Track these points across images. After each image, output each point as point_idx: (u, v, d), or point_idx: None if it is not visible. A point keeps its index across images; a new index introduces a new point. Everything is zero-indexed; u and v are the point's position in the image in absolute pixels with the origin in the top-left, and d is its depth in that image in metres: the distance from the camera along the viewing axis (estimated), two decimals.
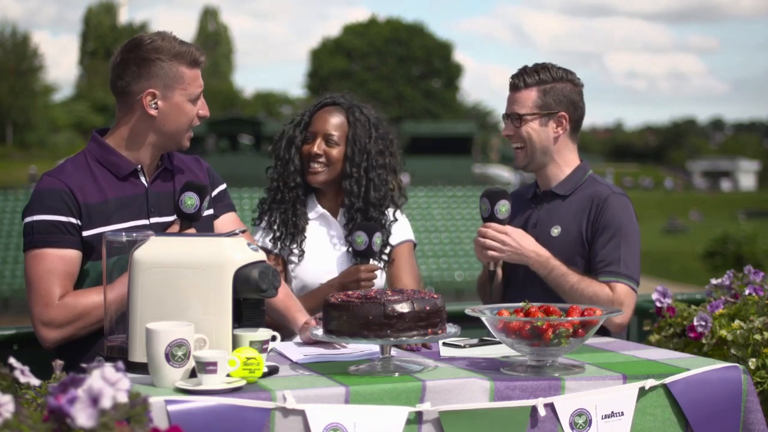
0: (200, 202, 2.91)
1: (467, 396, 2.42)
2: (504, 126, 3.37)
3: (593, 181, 3.36)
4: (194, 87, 2.92)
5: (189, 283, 2.45)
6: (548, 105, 3.28)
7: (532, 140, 3.30)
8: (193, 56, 2.90)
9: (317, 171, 3.48)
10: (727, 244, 33.45)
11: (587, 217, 3.25)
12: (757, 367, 2.92)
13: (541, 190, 3.40)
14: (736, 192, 72.23)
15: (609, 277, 3.16)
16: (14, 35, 66.57)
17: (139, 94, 2.88)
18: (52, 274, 2.79)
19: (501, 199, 3.21)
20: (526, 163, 3.34)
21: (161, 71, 2.86)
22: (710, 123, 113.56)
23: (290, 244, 3.48)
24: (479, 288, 3.55)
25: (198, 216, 2.94)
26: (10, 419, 1.77)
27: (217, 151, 40.14)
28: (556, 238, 3.27)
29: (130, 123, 2.92)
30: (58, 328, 2.77)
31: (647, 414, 2.54)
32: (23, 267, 2.90)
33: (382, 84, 71.17)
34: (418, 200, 35.68)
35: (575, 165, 3.37)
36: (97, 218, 2.85)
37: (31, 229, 2.84)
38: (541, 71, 3.30)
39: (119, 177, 2.92)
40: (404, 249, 3.60)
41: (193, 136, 3.00)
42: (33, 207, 2.84)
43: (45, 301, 2.77)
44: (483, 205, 3.25)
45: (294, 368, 2.57)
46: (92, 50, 79.46)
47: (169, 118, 2.90)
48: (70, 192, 2.84)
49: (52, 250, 2.80)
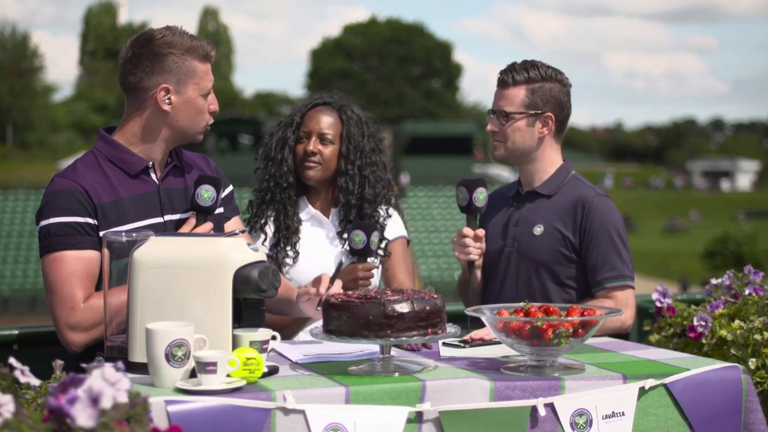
0: (216, 195, 2.91)
1: (467, 396, 2.42)
2: (489, 121, 3.36)
3: (577, 181, 3.36)
4: (206, 81, 2.90)
5: (189, 283, 2.44)
6: (535, 104, 3.27)
7: (515, 139, 3.29)
8: (204, 50, 2.89)
9: (312, 168, 3.49)
10: (727, 244, 33.48)
11: (573, 219, 3.25)
12: (757, 367, 2.92)
13: (524, 189, 3.40)
14: (736, 192, 72.23)
15: (615, 282, 3.19)
16: (14, 35, 66.56)
17: (152, 90, 2.85)
18: (74, 277, 2.74)
19: (478, 187, 3.24)
20: (504, 156, 3.34)
21: (174, 66, 2.84)
22: (710, 123, 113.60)
23: (285, 246, 3.48)
24: (459, 289, 3.56)
25: (214, 209, 2.93)
26: (10, 419, 1.77)
27: (217, 151, 40.10)
28: (539, 237, 3.28)
29: (141, 119, 2.89)
30: (85, 331, 2.73)
31: (650, 414, 2.54)
32: (22, 267, 2.88)
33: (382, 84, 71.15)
34: (418, 200, 35.66)
35: (558, 165, 3.36)
36: (112, 218, 2.81)
37: (47, 232, 2.78)
38: (531, 69, 3.29)
39: (131, 175, 2.88)
40: (398, 245, 3.60)
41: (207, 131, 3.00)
42: (48, 210, 2.80)
43: (69, 304, 2.73)
44: (460, 193, 3.27)
45: (294, 368, 2.57)
46: (92, 50, 79.45)
47: (182, 113, 2.88)
48: (85, 192, 2.80)
49: (71, 252, 2.76)
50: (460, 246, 3.30)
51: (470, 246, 3.28)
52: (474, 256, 3.29)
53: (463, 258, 3.30)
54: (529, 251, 3.28)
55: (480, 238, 3.29)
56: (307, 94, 5.43)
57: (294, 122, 3.54)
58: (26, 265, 29.75)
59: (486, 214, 3.39)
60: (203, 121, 2.93)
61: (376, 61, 72.57)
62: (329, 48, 73.59)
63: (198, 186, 2.91)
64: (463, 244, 3.28)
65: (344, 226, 3.51)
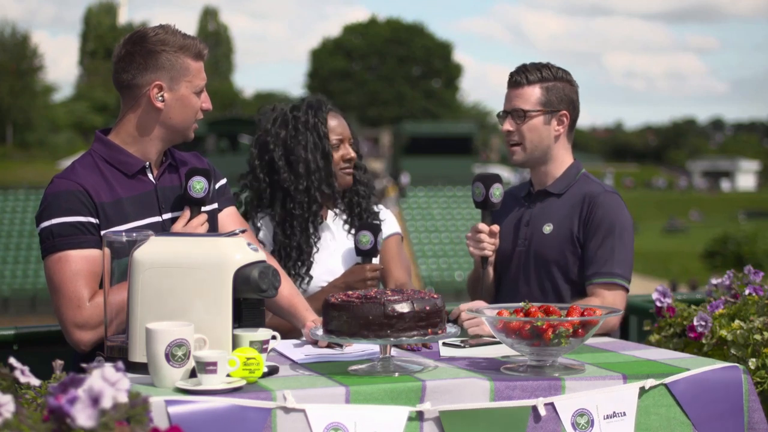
0: (209, 186, 2.91)
1: (467, 396, 2.42)
2: (502, 123, 3.34)
3: (586, 179, 3.36)
4: (199, 79, 2.91)
5: (189, 283, 2.44)
6: (551, 102, 3.29)
7: (533, 137, 3.30)
8: (197, 48, 2.90)
9: (352, 173, 3.49)
10: (727, 244, 33.48)
11: (579, 215, 3.26)
12: (757, 367, 2.92)
13: (536, 189, 3.40)
14: (736, 192, 72.23)
15: (602, 278, 3.16)
16: (14, 35, 66.58)
17: (145, 87, 2.86)
18: (79, 276, 2.74)
19: (495, 183, 3.23)
20: (524, 160, 3.34)
21: (167, 63, 2.85)
22: (710, 123, 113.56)
23: (296, 260, 3.43)
24: (470, 286, 3.56)
25: (207, 200, 2.93)
26: (10, 419, 1.77)
27: (217, 151, 40.12)
28: (548, 236, 3.29)
29: (135, 117, 2.90)
30: (93, 329, 2.72)
31: (652, 413, 2.53)
32: (22, 267, 2.89)
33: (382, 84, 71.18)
34: (418, 200, 35.68)
35: (569, 163, 3.37)
36: (113, 217, 2.82)
37: (50, 233, 2.78)
38: (543, 69, 3.30)
39: (128, 175, 2.89)
40: (392, 242, 3.60)
41: (196, 129, 3.00)
42: (49, 211, 2.80)
43: (76, 303, 2.73)
44: (477, 189, 3.26)
45: (294, 368, 2.57)
46: (92, 50, 79.46)
47: (175, 111, 2.89)
48: (86, 192, 2.80)
49: (75, 251, 2.76)
50: (475, 241, 3.27)
51: (485, 241, 3.26)
52: (488, 252, 3.28)
53: (478, 253, 3.28)
54: (540, 250, 3.29)
55: (495, 234, 3.28)
56: (307, 95, 5.33)
57: (318, 128, 3.44)
58: (26, 265, 29.78)
59: (497, 214, 3.38)
60: (195, 119, 2.94)
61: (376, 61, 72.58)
62: (329, 48, 73.62)
63: (189, 178, 2.91)
64: (478, 240, 3.27)
65: (351, 225, 3.51)
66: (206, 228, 2.95)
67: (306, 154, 3.40)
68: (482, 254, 3.27)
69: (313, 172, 3.41)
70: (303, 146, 3.41)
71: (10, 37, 66.17)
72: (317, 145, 3.42)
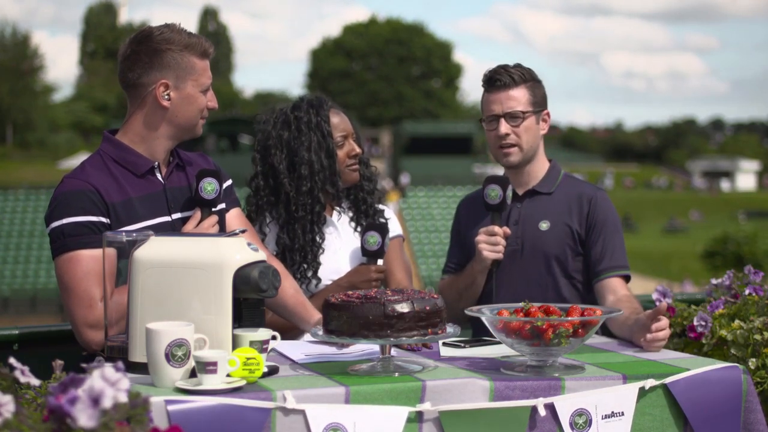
0: (219, 187, 2.91)
1: (467, 396, 2.42)
2: (494, 127, 3.31)
3: (572, 178, 3.45)
4: (205, 78, 2.91)
5: (189, 283, 2.44)
6: (538, 102, 3.34)
7: (529, 138, 3.32)
8: (203, 47, 2.90)
9: (357, 169, 3.47)
10: (727, 244, 33.46)
11: (580, 213, 3.32)
12: (757, 367, 2.92)
13: (521, 190, 3.40)
14: (736, 192, 72.23)
15: (618, 271, 3.27)
16: (14, 35, 66.59)
17: (151, 86, 2.86)
18: (90, 275, 2.74)
19: (509, 185, 3.28)
20: (520, 161, 3.34)
21: (173, 62, 2.85)
22: (710, 123, 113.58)
23: (303, 261, 3.40)
24: (455, 294, 3.40)
25: (218, 201, 2.93)
26: (10, 419, 1.77)
27: (217, 151, 40.11)
28: (546, 232, 3.32)
29: (142, 116, 2.90)
30: (104, 329, 2.72)
31: (646, 414, 2.54)
32: (22, 267, 2.88)
33: (382, 84, 71.18)
34: (418, 200, 35.66)
35: (548, 163, 3.44)
36: (124, 217, 2.82)
37: (61, 233, 2.77)
38: (520, 69, 3.33)
39: (137, 174, 2.89)
40: (395, 244, 3.58)
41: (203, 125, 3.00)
42: (60, 210, 2.79)
43: (87, 303, 2.72)
44: (492, 191, 3.26)
45: (294, 368, 2.57)
46: (92, 50, 79.51)
47: (181, 109, 2.89)
48: (97, 191, 2.80)
49: (86, 251, 2.75)
50: (490, 244, 3.26)
51: (501, 243, 3.27)
52: (502, 255, 3.29)
53: (493, 257, 3.26)
54: (539, 246, 3.31)
55: (508, 235, 3.30)
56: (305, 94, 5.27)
57: (321, 127, 3.41)
58: (26, 265, 29.77)
59: (475, 219, 3.39)
60: (201, 117, 2.94)
61: (376, 61, 72.58)
62: (329, 48, 73.63)
63: (200, 180, 2.92)
64: (495, 242, 3.26)
65: (357, 223, 3.50)
66: (217, 229, 2.95)
67: (310, 155, 3.38)
68: (497, 257, 3.27)
69: (317, 173, 3.38)
70: (306, 147, 3.38)
71: (10, 37, 66.18)
72: (321, 144, 3.40)
